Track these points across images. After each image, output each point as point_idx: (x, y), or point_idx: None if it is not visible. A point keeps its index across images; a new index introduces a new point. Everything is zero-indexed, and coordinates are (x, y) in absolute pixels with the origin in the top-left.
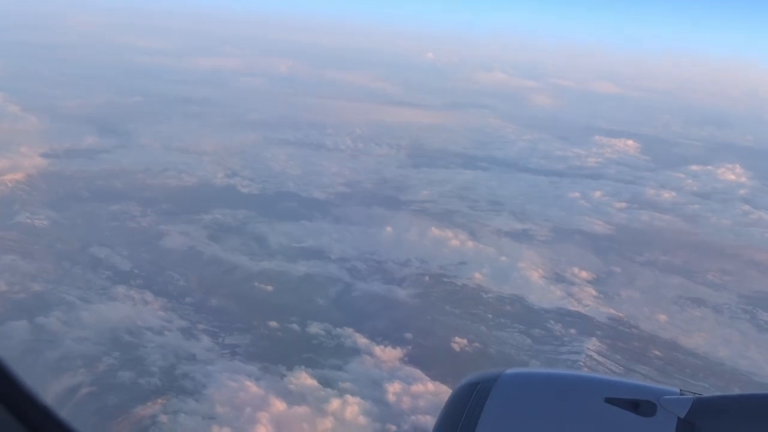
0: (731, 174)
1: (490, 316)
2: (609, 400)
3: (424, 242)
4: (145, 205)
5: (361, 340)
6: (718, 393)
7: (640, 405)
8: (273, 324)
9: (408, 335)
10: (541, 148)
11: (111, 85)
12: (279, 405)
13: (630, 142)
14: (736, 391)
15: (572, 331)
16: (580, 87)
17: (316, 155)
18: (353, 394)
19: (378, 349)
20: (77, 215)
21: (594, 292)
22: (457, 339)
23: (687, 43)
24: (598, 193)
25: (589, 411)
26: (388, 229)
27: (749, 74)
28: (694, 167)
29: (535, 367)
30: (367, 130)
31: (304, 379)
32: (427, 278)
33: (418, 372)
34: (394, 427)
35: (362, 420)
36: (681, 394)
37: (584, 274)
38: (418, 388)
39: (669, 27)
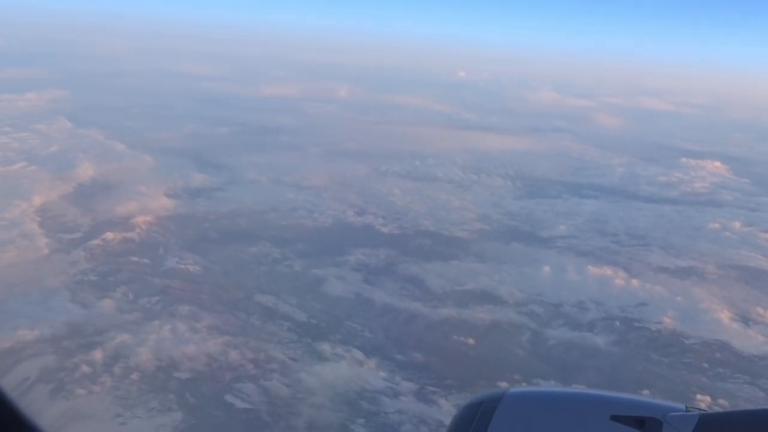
0: None
1: (705, 365)
2: (614, 418)
3: (587, 282)
4: (282, 246)
5: None
6: (723, 410)
7: (645, 422)
8: (497, 382)
9: (628, 390)
10: (640, 173)
11: (190, 115)
12: None
13: (717, 163)
14: (741, 407)
15: None
16: (631, 104)
17: (433, 188)
18: None
19: None
20: (222, 259)
21: None
22: (674, 391)
23: (705, 57)
24: (737, 224)
25: (595, 429)
26: (546, 268)
27: None
28: None
29: (539, 386)
30: (467, 159)
31: None
32: (617, 323)
33: None
34: None
35: None
36: (687, 411)
37: None
38: None
39: (688, 41)
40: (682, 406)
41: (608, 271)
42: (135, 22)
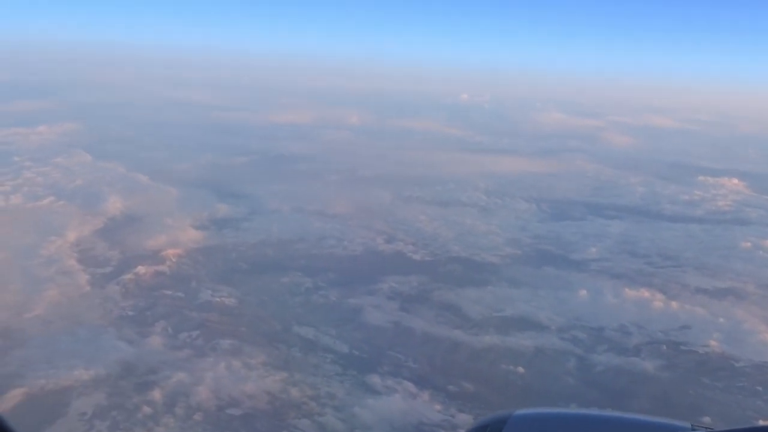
0: None
1: (759, 388)
2: None
3: (626, 305)
4: (314, 276)
5: None
6: (729, 427)
7: None
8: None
9: (684, 417)
10: (661, 192)
11: (205, 145)
12: None
13: (735, 180)
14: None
15: None
16: (639, 123)
17: (458, 213)
18: None
19: None
20: (256, 291)
21: None
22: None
23: (709, 73)
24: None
25: None
26: (582, 292)
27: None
28: None
29: (544, 407)
30: (488, 183)
31: None
32: (663, 347)
33: None
34: None
35: None
36: (692, 429)
37: None
38: None
39: (690, 58)
40: (687, 424)
41: (645, 293)
42: (137, 50)
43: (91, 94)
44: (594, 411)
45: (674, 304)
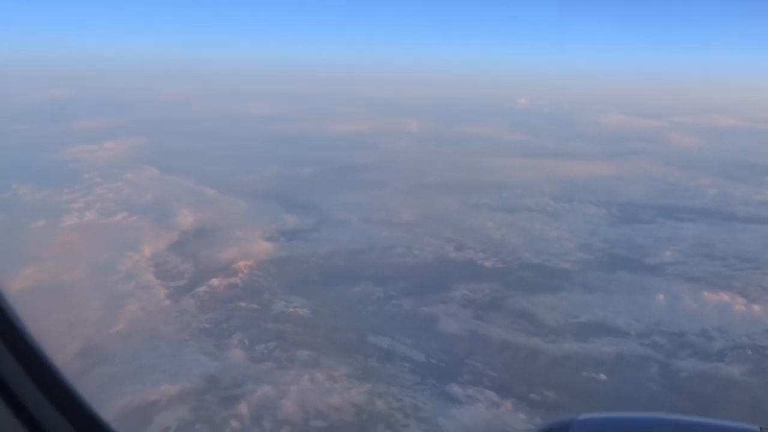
0: None
1: None
2: None
3: (706, 310)
4: (385, 285)
5: None
6: None
7: None
8: None
9: None
10: (732, 193)
11: (268, 157)
12: None
13: None
14: None
15: None
16: (702, 122)
17: (526, 219)
18: None
19: None
20: (328, 301)
21: None
22: None
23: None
24: None
25: None
26: (659, 297)
27: None
28: None
29: (608, 411)
30: (554, 188)
31: None
32: (749, 352)
33: None
34: None
35: None
36: (761, 431)
37: None
38: None
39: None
40: (756, 427)
41: (725, 297)
42: (189, 65)
43: (153, 110)
44: (660, 415)
45: (756, 307)
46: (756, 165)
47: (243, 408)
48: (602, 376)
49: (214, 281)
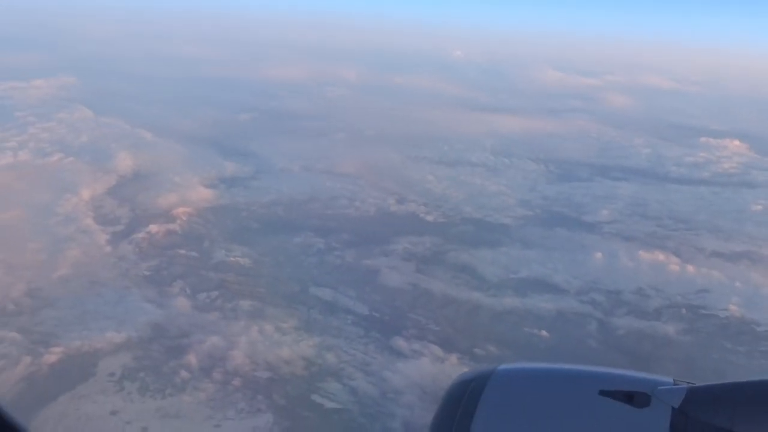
0: None
1: None
2: (603, 393)
3: (642, 268)
4: (327, 236)
5: None
6: (711, 382)
7: (634, 396)
8: None
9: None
10: (665, 154)
11: (204, 101)
12: None
13: (737, 142)
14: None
15: None
16: (635, 83)
17: (467, 173)
18: None
19: None
20: (270, 251)
21: None
22: None
23: (695, 32)
24: None
25: (584, 404)
26: (598, 255)
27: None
28: None
29: (528, 362)
30: (494, 143)
31: None
32: (683, 311)
33: None
34: None
35: None
36: (675, 384)
37: None
38: None
39: (674, 17)
40: (670, 379)
41: (660, 256)
42: (119, 3)
43: (79, 48)
44: (578, 366)
45: (690, 267)
46: (687, 127)
47: (192, 358)
48: (543, 333)
49: (153, 227)
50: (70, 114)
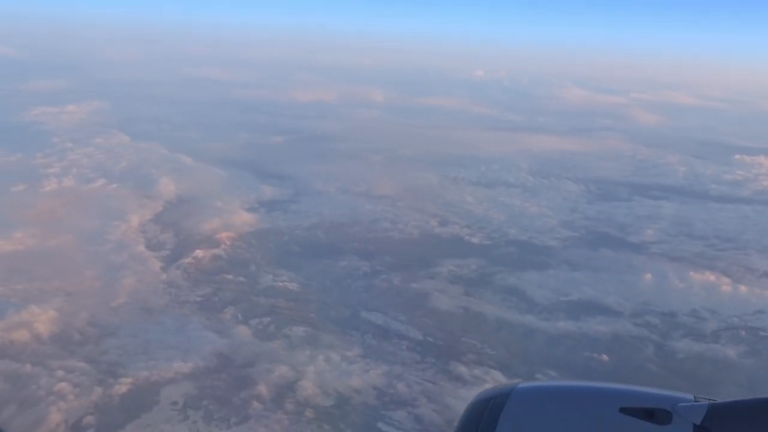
0: None
1: None
2: (624, 410)
3: (694, 290)
4: (371, 260)
5: None
6: (732, 398)
7: (655, 413)
8: None
9: None
10: (702, 172)
11: (236, 124)
12: None
13: None
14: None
15: None
16: (660, 100)
17: (507, 194)
18: None
19: None
20: (316, 275)
21: None
22: None
23: (712, 48)
24: None
25: (604, 422)
26: (647, 276)
27: None
28: None
29: (548, 380)
30: (530, 163)
31: None
32: (742, 333)
33: None
34: None
35: None
36: (695, 401)
37: None
38: None
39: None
40: (690, 396)
41: (711, 277)
42: (142, 26)
43: (108, 72)
44: (598, 383)
45: (743, 287)
46: (718, 144)
47: (262, 389)
48: (604, 356)
49: (199, 252)
50: (106, 139)
